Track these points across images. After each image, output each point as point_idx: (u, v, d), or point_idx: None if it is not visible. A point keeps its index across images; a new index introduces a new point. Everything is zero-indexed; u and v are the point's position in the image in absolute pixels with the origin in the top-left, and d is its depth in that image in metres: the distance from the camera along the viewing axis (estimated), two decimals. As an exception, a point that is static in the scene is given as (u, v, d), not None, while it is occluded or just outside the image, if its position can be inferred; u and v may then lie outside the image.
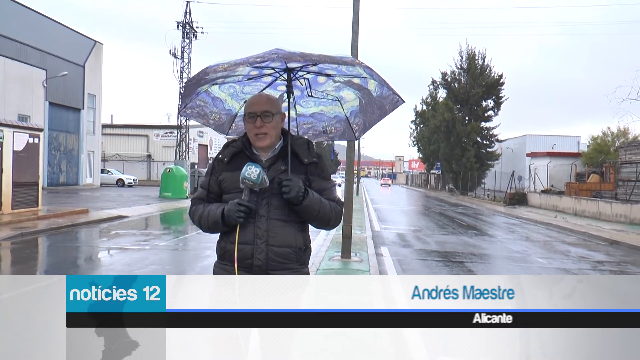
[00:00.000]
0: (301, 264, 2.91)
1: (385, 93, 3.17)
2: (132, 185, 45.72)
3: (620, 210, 24.68)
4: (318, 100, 3.46)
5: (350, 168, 11.92)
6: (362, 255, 11.43)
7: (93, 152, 43.06)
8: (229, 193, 2.91)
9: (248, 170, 2.75)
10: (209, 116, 3.42)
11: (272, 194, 2.85)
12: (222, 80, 3.16)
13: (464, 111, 52.33)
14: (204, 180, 3.07)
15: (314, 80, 3.26)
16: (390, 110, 3.31)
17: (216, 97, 3.33)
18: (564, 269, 11.51)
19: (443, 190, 62.19)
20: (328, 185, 3.01)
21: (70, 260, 10.68)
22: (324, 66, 3.02)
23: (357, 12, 11.08)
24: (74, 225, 15.65)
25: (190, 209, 3.07)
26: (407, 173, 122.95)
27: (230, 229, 2.84)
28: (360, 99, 3.34)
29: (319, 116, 3.58)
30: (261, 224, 2.83)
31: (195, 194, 3.10)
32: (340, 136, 3.64)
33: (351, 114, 3.47)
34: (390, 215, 25.75)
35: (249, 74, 3.13)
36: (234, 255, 2.79)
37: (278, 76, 3.18)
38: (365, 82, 3.16)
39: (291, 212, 2.87)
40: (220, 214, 2.82)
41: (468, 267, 11.13)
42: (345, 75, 3.14)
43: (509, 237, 17.85)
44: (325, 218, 2.93)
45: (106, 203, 24.51)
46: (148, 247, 12.20)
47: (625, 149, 29.16)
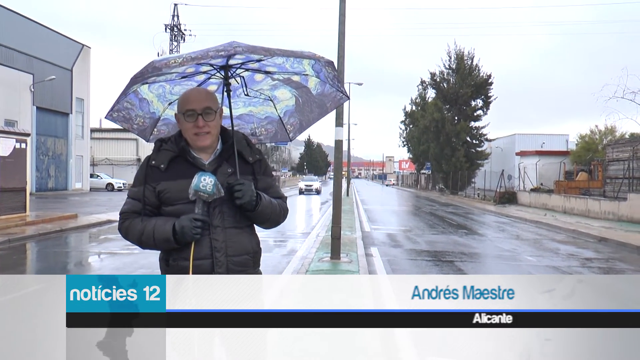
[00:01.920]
0: (256, 267, 2.80)
1: (327, 90, 3.03)
2: (122, 189, 45.49)
3: (609, 208, 24.84)
4: (248, 100, 3.22)
5: (339, 169, 11.92)
6: (351, 256, 11.43)
7: (82, 157, 42.81)
8: (172, 205, 2.65)
9: (202, 182, 2.52)
10: (133, 120, 3.06)
11: (224, 200, 2.63)
12: (154, 79, 2.84)
13: (453, 111, 52.49)
14: (135, 191, 2.72)
15: (250, 79, 3.04)
16: (332, 108, 3.16)
17: (143, 98, 3.00)
18: (554, 266, 11.56)
19: (433, 190, 62.38)
20: (273, 182, 2.87)
21: (60, 266, 10.61)
22: (267, 62, 2.85)
23: (344, 12, 11.10)
24: (62, 231, 15.56)
25: (120, 224, 2.75)
26: (398, 173, 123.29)
27: (182, 246, 2.61)
28: (297, 97, 3.15)
29: (247, 117, 3.32)
30: (217, 235, 2.64)
31: (124, 207, 2.75)
32: (272, 138, 3.39)
33: (285, 114, 3.26)
34: (381, 215, 25.78)
35: (184, 71, 2.86)
36: (189, 272, 2.58)
37: (213, 74, 2.94)
38: (305, 80, 3.01)
39: (243, 218, 2.70)
40: (172, 231, 2.56)
41: (458, 267, 11.15)
42: (286, 72, 2.95)
43: (499, 235, 17.92)
44: (275, 219, 2.80)
45: (96, 208, 24.39)
46: (137, 252, 12.13)
47: (613, 147, 29.36)
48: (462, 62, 52.02)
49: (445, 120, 51.59)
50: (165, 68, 2.49)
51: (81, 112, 42.71)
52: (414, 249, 13.77)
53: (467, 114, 51.99)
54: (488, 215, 27.91)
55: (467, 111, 52.01)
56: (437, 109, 52.22)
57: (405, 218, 24.97)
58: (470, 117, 52.13)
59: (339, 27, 11.18)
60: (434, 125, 52.36)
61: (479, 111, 52.61)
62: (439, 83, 53.56)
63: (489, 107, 52.34)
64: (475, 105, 52.51)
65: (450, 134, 51.14)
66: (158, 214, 2.70)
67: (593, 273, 10.83)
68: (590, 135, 45.43)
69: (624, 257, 13.56)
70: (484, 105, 52.39)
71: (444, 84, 53.16)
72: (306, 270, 9.60)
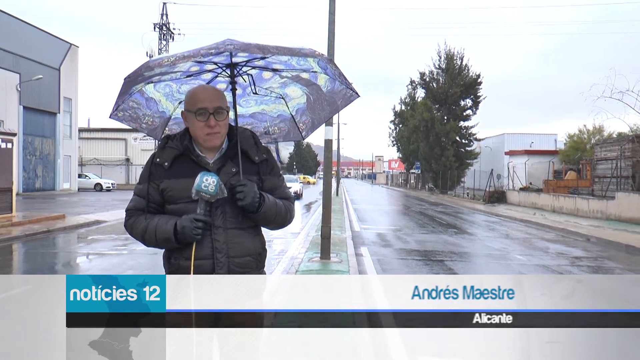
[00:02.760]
0: (260, 268, 2.75)
1: (337, 88, 2.97)
2: (111, 189, 45.24)
3: (597, 207, 24.98)
4: (260, 98, 3.18)
5: (329, 168, 11.88)
6: (341, 255, 11.39)
7: (70, 157, 42.47)
8: (175, 204, 2.63)
9: (204, 182, 2.49)
10: (141, 119, 3.04)
11: (226, 201, 2.59)
12: (158, 78, 2.82)
13: (443, 111, 52.62)
14: (140, 188, 2.71)
15: (258, 76, 3.00)
16: (343, 106, 3.09)
17: (150, 97, 2.98)
18: (544, 265, 11.58)
19: (423, 189, 62.50)
20: (280, 182, 2.81)
21: (47, 267, 10.49)
22: (272, 60, 2.79)
23: (333, 12, 11.05)
24: (49, 231, 15.40)
25: (126, 221, 2.73)
26: (387, 173, 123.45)
27: (183, 246, 2.60)
28: (307, 95, 3.10)
29: (260, 116, 3.28)
30: (219, 236, 2.60)
31: (130, 204, 2.75)
32: (285, 137, 3.33)
33: (297, 112, 3.20)
34: (370, 215, 25.76)
35: (189, 70, 2.83)
36: (191, 273, 2.56)
37: (220, 72, 2.91)
38: (315, 77, 2.96)
39: (246, 219, 2.65)
40: (173, 231, 2.55)
41: (448, 266, 11.14)
42: (294, 69, 2.90)
43: (489, 235, 17.95)
44: (280, 221, 2.75)
45: (84, 208, 24.20)
46: (126, 252, 12.03)
47: (601, 146, 29.52)
48: (452, 62, 52.17)
49: (434, 119, 51.70)
50: (158, 67, 2.48)
51: (69, 111, 42.38)
52: (404, 248, 13.76)
53: (457, 113, 52.14)
54: (477, 214, 27.98)
55: (456, 111, 52.17)
56: (426, 109, 52.33)
57: (395, 217, 24.98)
58: (460, 116, 52.28)
59: (328, 26, 11.12)
60: (423, 124, 52.46)
61: (468, 111, 52.77)
62: (428, 83, 53.71)
63: (478, 106, 52.51)
64: (464, 105, 52.68)
65: (440, 134, 51.26)
66: (162, 211, 2.68)
67: (582, 272, 10.85)
68: (579, 135, 45.71)
69: (612, 255, 13.62)
70: (474, 104, 52.56)
71: (433, 83, 53.30)
72: (296, 271, 9.55)
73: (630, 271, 11.14)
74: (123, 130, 58.72)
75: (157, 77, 2.79)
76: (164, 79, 2.88)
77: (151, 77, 2.73)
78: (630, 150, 25.73)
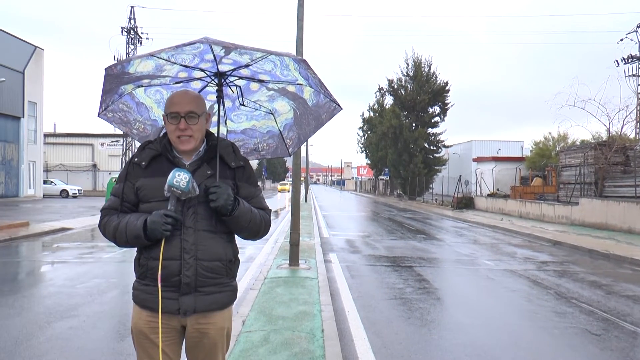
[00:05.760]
0: (231, 277, 2.73)
1: (322, 101, 2.97)
2: (77, 196, 44.51)
3: (562, 212, 25.46)
4: (250, 114, 3.20)
5: (298, 175, 11.86)
6: (310, 262, 11.37)
7: (35, 162, 41.63)
8: (148, 202, 2.61)
9: (176, 177, 2.47)
10: (132, 124, 3.06)
11: (199, 202, 2.59)
12: (148, 81, 2.84)
13: (411, 117, 53.09)
14: (116, 187, 2.71)
15: (246, 88, 3.02)
16: (327, 120, 3.08)
17: (141, 102, 2.99)
18: (511, 270, 11.73)
19: (392, 195, 62.89)
20: (256, 192, 2.81)
21: (10, 277, 10.21)
22: (258, 69, 2.81)
23: (302, 18, 11.04)
24: (12, 239, 15.04)
25: (100, 220, 2.71)
26: (356, 179, 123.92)
27: (152, 244, 2.57)
28: (295, 110, 3.11)
29: (250, 132, 3.30)
30: (188, 236, 2.57)
31: (105, 203, 2.73)
32: (273, 153, 3.35)
33: (285, 128, 3.22)
34: (339, 221, 25.79)
35: (177, 75, 2.84)
36: (158, 273, 2.53)
37: (209, 81, 2.92)
38: (301, 90, 2.96)
39: (219, 222, 2.64)
40: (142, 227, 2.52)
41: (417, 272, 11.20)
42: (279, 81, 2.91)
43: (457, 240, 18.12)
44: (255, 229, 2.73)
45: (49, 215, 23.73)
46: (92, 260, 11.81)
47: (565, 153, 30.08)
48: (420, 69, 52.71)
49: (403, 126, 52.11)
50: (135, 59, 2.54)
51: (34, 116, 41.55)
52: (373, 254, 13.79)
53: (425, 120, 52.65)
54: (446, 220, 28.23)
55: (424, 118, 52.68)
56: (395, 116, 52.73)
57: (363, 224, 25.04)
58: (428, 123, 52.81)
59: (297, 33, 11.10)
60: (392, 131, 52.83)
61: (436, 118, 53.36)
62: (396, 90, 54.15)
63: (446, 113, 53.14)
64: (432, 112, 53.24)
65: (408, 140, 51.68)
66: (136, 211, 2.66)
67: (549, 276, 11.02)
68: (544, 142, 46.51)
69: (576, 259, 13.86)
70: (442, 112, 53.16)
71: (401, 90, 53.76)
72: (264, 277, 9.49)
73: (593, 274, 11.35)
74: (90, 136, 57.85)
75: (146, 81, 2.80)
76: (153, 84, 2.89)
77: (139, 78, 2.74)
78: (592, 157, 26.28)
